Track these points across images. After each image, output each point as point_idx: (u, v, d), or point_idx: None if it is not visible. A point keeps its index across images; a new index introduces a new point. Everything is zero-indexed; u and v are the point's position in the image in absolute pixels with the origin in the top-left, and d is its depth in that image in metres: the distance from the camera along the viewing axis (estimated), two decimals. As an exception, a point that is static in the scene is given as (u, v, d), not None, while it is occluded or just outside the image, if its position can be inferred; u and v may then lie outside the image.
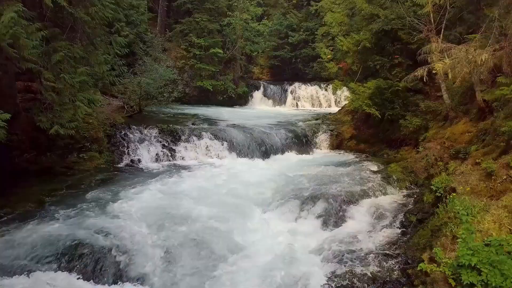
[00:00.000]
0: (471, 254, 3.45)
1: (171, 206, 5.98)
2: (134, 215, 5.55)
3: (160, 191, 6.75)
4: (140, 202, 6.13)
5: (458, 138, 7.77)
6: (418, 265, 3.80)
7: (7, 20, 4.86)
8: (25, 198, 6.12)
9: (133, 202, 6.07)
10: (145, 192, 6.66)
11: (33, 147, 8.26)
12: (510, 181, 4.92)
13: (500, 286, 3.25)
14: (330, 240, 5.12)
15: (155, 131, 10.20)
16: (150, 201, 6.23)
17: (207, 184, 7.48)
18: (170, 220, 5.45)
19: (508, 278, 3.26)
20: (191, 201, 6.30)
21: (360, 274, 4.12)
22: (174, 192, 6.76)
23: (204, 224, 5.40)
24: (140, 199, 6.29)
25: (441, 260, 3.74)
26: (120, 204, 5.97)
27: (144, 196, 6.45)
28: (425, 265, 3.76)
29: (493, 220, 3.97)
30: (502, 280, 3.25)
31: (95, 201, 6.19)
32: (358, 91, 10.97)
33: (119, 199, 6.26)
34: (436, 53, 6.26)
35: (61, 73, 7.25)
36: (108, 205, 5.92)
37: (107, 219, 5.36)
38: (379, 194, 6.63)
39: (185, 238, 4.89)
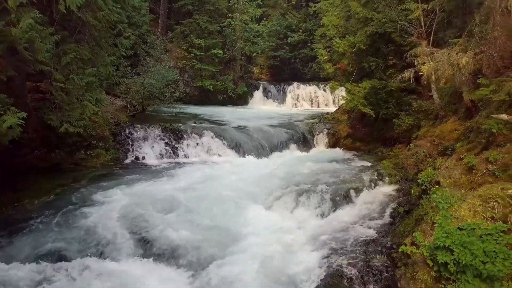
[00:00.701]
0: (446, 236, 3.87)
1: (174, 197, 6.41)
2: (144, 202, 6.00)
3: (164, 184, 7.17)
4: (145, 193, 6.58)
5: (446, 136, 8.18)
6: (400, 248, 4.23)
7: (25, 26, 5.27)
8: (40, 192, 6.52)
9: (140, 192, 6.51)
10: (150, 185, 7.08)
11: (43, 145, 8.66)
12: (488, 174, 5.34)
13: (470, 264, 3.67)
14: (323, 229, 5.55)
15: (158, 130, 10.62)
16: (155, 192, 6.66)
17: (209, 180, 7.89)
18: (175, 209, 5.88)
19: (477, 257, 3.68)
20: (194, 195, 6.71)
21: (348, 258, 4.53)
22: (177, 187, 7.16)
23: (207, 213, 5.82)
24: (145, 190, 6.74)
25: (421, 243, 4.16)
26: (130, 194, 6.43)
27: (149, 188, 6.88)
28: (406, 248, 4.18)
29: (468, 208, 4.38)
30: (472, 258, 3.67)
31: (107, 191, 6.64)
32: (354, 91, 11.37)
33: (129, 190, 6.74)
34: (422, 56, 6.67)
35: (70, 74, 7.67)
36: (122, 195, 6.38)
37: (125, 207, 5.84)
38: (370, 188, 7.03)
39: (192, 224, 5.33)
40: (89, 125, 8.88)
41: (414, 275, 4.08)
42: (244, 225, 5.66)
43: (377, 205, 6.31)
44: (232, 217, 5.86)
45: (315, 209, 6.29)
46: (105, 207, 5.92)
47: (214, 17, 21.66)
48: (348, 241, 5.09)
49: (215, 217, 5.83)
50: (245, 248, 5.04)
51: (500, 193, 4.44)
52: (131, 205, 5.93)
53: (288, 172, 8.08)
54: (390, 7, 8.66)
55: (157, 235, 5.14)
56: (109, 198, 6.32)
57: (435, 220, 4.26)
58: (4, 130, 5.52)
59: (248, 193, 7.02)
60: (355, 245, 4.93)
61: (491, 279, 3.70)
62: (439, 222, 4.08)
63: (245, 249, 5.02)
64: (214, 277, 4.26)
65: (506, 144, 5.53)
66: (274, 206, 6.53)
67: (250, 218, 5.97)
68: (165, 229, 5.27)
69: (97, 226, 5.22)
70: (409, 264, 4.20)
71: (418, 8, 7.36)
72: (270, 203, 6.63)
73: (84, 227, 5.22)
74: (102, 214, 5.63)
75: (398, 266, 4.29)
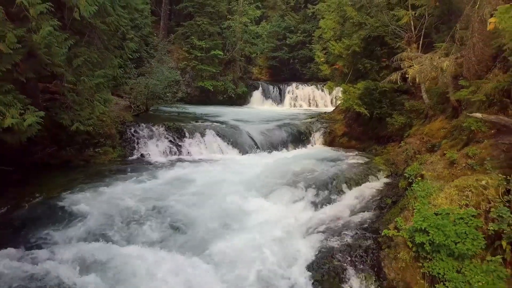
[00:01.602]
0: (423, 220, 4.39)
1: (180, 188, 6.94)
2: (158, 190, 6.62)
3: (171, 178, 7.71)
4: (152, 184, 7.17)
5: (435, 134, 8.70)
6: (383, 231, 4.74)
7: (45, 33, 5.77)
8: (54, 186, 7.03)
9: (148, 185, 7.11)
10: (156, 179, 7.63)
11: (54, 143, 9.14)
12: (467, 168, 5.87)
13: (443, 244, 4.19)
14: (317, 218, 6.06)
15: (162, 128, 11.11)
16: (161, 183, 7.23)
17: (211, 175, 8.39)
18: (181, 199, 6.43)
19: (449, 237, 4.20)
20: (198, 188, 7.22)
21: (338, 242, 5.04)
22: (182, 180, 7.68)
23: (209, 204, 6.34)
24: (148, 182, 7.33)
25: (401, 227, 4.68)
26: (141, 185, 7.03)
27: (155, 181, 7.43)
28: (388, 231, 4.70)
29: (445, 197, 4.90)
30: (444, 238, 4.19)
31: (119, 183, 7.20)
32: (349, 92, 11.89)
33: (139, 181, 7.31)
34: (407, 60, 7.19)
35: (81, 76, 8.17)
36: (134, 186, 6.95)
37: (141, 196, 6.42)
38: (362, 182, 7.55)
39: (198, 212, 5.86)
40: (97, 124, 9.37)
41: (396, 255, 4.60)
42: (244, 213, 6.17)
43: (367, 197, 6.82)
44: (232, 208, 6.36)
45: (310, 201, 6.80)
46: (122, 193, 6.48)
47: (215, 19, 22.17)
48: (339, 228, 5.61)
49: (216, 206, 6.34)
50: (245, 231, 5.56)
51: (474, 184, 4.96)
52: (143, 192, 6.55)
53: (286, 168, 8.58)
54: (382, 12, 9.17)
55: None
56: (124, 186, 6.90)
57: (415, 207, 4.78)
58: (25, 128, 6.02)
59: (248, 186, 7.51)
60: (345, 231, 5.44)
61: (462, 257, 4.22)
62: (417, 208, 4.60)
63: (245, 232, 5.54)
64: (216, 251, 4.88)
65: (484, 140, 6.06)
66: (272, 198, 7.02)
67: (249, 208, 6.47)
68: (175, 214, 5.84)
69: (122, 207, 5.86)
70: (392, 246, 4.72)
71: (407, 14, 7.88)
72: (268, 197, 7.12)
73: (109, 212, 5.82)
74: (120, 198, 6.22)
75: (383, 248, 4.80)
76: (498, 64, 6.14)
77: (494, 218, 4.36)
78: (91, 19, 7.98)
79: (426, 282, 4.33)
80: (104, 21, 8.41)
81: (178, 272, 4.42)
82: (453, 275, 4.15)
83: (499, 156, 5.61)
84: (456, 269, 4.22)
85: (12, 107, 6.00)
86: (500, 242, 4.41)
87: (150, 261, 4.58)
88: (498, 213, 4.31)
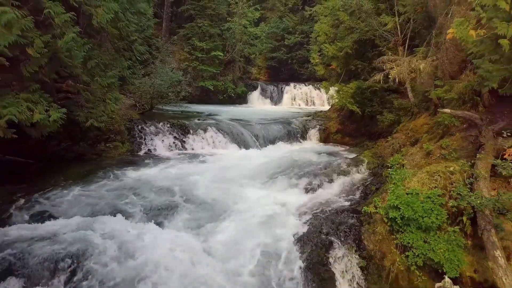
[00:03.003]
0: (395, 199, 5.18)
1: (186, 177, 7.71)
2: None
3: (178, 169, 8.49)
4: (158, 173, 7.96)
5: (418, 129, 9.49)
6: (363, 208, 5.53)
7: (68, 39, 6.54)
8: (74, 174, 7.80)
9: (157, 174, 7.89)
10: (163, 170, 8.41)
11: (68, 138, 9.90)
12: (441, 157, 6.66)
13: (412, 218, 4.98)
14: (309, 202, 6.83)
15: (167, 125, 11.89)
16: (167, 173, 8.00)
17: (213, 167, 9.17)
18: (188, 187, 7.22)
19: (417, 212, 4.99)
20: (202, 179, 7.99)
21: (326, 221, 5.82)
22: (188, 171, 8.46)
23: (215, 193, 7.12)
24: (158, 172, 8.13)
25: (379, 206, 5.47)
26: (148, 174, 7.83)
27: (162, 171, 8.24)
28: (367, 208, 5.49)
29: (417, 181, 5.68)
30: (413, 213, 4.97)
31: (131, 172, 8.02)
32: (343, 91, 12.69)
33: (146, 172, 8.10)
34: (388, 63, 7.98)
35: (95, 77, 8.94)
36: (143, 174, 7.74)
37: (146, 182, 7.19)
38: (351, 173, 8.33)
39: (205, 196, 6.67)
40: (108, 121, 10.13)
41: (374, 230, 5.39)
42: (243, 198, 6.95)
43: (354, 185, 7.61)
44: (233, 193, 7.15)
45: (303, 188, 7.57)
46: (133, 181, 7.27)
47: (215, 21, 22.96)
48: (328, 210, 6.38)
49: (218, 192, 7.12)
50: (242, 218, 6.34)
51: (443, 170, 5.76)
52: (152, 181, 7.33)
53: (282, 161, 9.36)
54: (371, 17, 9.95)
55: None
56: (135, 176, 7.70)
57: (390, 188, 5.57)
58: (50, 123, 6.79)
59: (247, 177, 8.28)
60: (333, 212, 6.22)
61: (428, 229, 5.01)
62: (392, 189, 5.39)
63: (242, 218, 6.32)
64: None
65: (456, 133, 6.85)
66: (269, 186, 7.80)
67: (248, 195, 7.24)
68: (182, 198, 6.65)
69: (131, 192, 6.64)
70: (371, 222, 5.51)
71: (391, 21, 8.68)
72: (265, 184, 7.90)
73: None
74: (132, 185, 7.02)
75: (363, 225, 5.59)
76: (469, 66, 6.91)
77: (455, 197, 5.16)
78: (103, 24, 8.73)
79: (398, 251, 5.12)
80: (115, 26, 9.16)
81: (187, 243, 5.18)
82: (420, 244, 4.94)
83: (468, 146, 6.42)
84: (423, 239, 5.01)
85: (39, 104, 6.76)
86: (462, 218, 5.21)
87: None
88: (457, 192, 5.11)
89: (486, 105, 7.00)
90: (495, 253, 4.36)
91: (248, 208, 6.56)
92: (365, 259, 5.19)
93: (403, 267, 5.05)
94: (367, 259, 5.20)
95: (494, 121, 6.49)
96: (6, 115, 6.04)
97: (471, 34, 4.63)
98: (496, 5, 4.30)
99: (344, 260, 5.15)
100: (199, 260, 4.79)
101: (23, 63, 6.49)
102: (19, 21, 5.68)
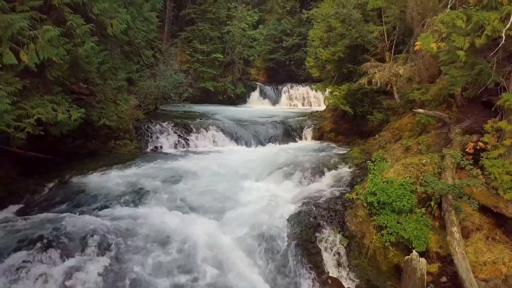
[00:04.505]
0: (373, 186, 6.05)
1: (190, 171, 8.60)
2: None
3: (184, 163, 9.37)
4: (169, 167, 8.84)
5: (403, 128, 10.37)
6: (346, 196, 6.41)
7: (88, 48, 7.40)
8: (90, 169, 8.66)
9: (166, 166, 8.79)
10: (171, 164, 9.29)
11: (82, 136, 10.74)
12: (418, 152, 7.53)
13: (387, 202, 5.85)
14: (302, 192, 7.69)
15: (171, 125, 12.74)
16: (175, 167, 8.90)
17: (216, 163, 9.99)
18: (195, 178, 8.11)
19: (391, 197, 5.86)
20: (207, 172, 8.85)
21: (315, 207, 6.67)
22: (193, 165, 9.32)
23: (217, 183, 7.98)
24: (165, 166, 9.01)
25: (359, 193, 6.34)
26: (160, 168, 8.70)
27: (170, 165, 9.10)
28: (349, 195, 6.36)
29: (393, 172, 6.55)
30: (387, 198, 5.85)
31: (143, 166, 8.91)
32: (336, 92, 13.57)
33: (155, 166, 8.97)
34: (371, 68, 8.85)
35: (107, 80, 9.79)
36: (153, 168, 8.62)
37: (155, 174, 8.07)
38: (340, 167, 9.20)
39: (205, 188, 7.53)
40: (117, 120, 10.98)
41: (356, 213, 6.26)
42: (243, 189, 7.81)
43: (343, 177, 8.47)
44: (234, 185, 8.01)
45: (297, 180, 8.44)
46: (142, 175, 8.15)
47: (215, 25, 23.84)
48: (318, 199, 7.24)
49: (222, 184, 7.98)
50: (245, 203, 7.20)
51: (416, 162, 6.64)
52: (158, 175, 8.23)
53: (278, 157, 10.23)
54: (360, 25, 10.83)
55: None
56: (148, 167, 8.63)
57: (369, 178, 6.45)
58: (71, 122, 7.64)
59: (246, 171, 9.13)
60: (322, 200, 7.08)
61: (400, 212, 5.88)
62: (370, 178, 6.27)
63: (244, 203, 7.19)
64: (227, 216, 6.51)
65: (431, 131, 7.73)
66: (266, 180, 8.65)
67: (247, 186, 8.11)
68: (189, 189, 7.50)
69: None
70: (353, 207, 6.38)
71: (376, 29, 9.56)
72: (263, 178, 8.76)
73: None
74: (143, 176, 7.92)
75: (347, 209, 6.45)
76: (443, 72, 7.76)
77: (423, 184, 6.03)
78: (117, 34, 9.58)
79: (375, 230, 5.99)
80: (125, 33, 10.00)
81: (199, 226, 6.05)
82: (394, 224, 5.81)
83: (440, 142, 7.30)
84: (397, 220, 5.88)
85: (61, 105, 7.61)
86: (430, 203, 6.09)
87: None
88: (425, 179, 5.98)
89: (459, 106, 7.88)
90: (453, 229, 5.24)
91: (248, 197, 7.44)
92: (348, 238, 6.06)
93: (380, 244, 5.93)
94: (349, 238, 6.07)
95: (462, 119, 7.37)
96: (35, 115, 6.89)
97: (433, 46, 5.52)
98: (454, 23, 5.16)
99: (330, 239, 6.02)
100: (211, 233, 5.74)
101: (48, 69, 7.33)
102: (59, 38, 6.51)
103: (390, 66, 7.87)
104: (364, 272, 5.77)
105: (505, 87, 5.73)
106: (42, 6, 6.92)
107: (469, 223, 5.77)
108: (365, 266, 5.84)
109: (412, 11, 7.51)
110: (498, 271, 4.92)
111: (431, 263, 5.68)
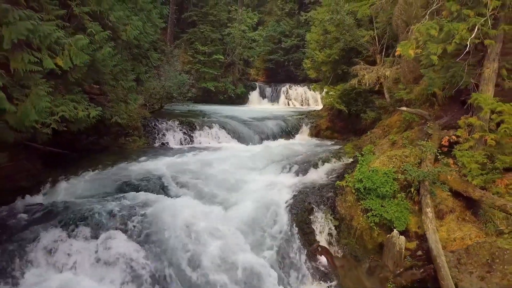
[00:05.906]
0: (360, 174, 6.88)
1: (196, 164, 9.44)
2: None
3: (189, 158, 10.20)
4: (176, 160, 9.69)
5: (392, 125, 11.22)
6: (336, 183, 7.24)
7: (106, 52, 8.21)
8: (104, 163, 9.48)
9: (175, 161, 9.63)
10: (179, 158, 10.12)
11: (95, 133, 11.56)
12: (403, 146, 8.37)
13: (372, 188, 6.69)
14: (298, 182, 8.51)
15: (176, 122, 13.57)
16: (182, 160, 9.72)
17: (218, 157, 10.83)
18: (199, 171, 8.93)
19: (375, 184, 6.69)
20: (212, 165, 9.68)
21: (309, 194, 7.51)
22: (199, 160, 10.15)
23: (224, 175, 8.82)
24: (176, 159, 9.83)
25: (348, 180, 7.18)
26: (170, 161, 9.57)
27: (178, 159, 9.93)
28: (339, 182, 7.19)
29: (379, 162, 7.39)
30: (372, 184, 6.68)
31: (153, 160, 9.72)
32: (331, 92, 14.41)
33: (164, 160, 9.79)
34: (360, 70, 9.69)
35: (119, 81, 10.60)
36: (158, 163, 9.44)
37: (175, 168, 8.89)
38: (334, 161, 10.03)
39: (211, 179, 8.37)
40: (127, 118, 11.80)
41: (345, 199, 7.10)
42: (246, 181, 8.63)
43: (335, 169, 9.30)
44: (237, 177, 8.83)
45: (294, 172, 9.27)
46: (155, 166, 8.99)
47: (216, 27, 24.67)
48: (313, 188, 8.08)
49: (227, 175, 8.81)
50: (246, 192, 8.03)
51: (399, 154, 7.48)
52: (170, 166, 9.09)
53: (276, 152, 11.07)
54: (352, 30, 11.67)
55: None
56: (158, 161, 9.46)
57: (357, 168, 7.29)
58: (90, 120, 8.46)
59: (247, 165, 9.96)
60: (316, 189, 7.91)
61: (383, 197, 6.72)
62: (358, 168, 7.10)
63: (246, 193, 8.01)
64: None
65: (415, 127, 8.58)
66: (265, 172, 9.48)
67: (249, 178, 8.93)
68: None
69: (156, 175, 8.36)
70: (343, 193, 7.22)
71: (367, 34, 10.40)
72: (263, 170, 9.58)
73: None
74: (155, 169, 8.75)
75: (338, 195, 7.29)
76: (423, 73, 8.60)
77: (404, 172, 6.88)
78: (130, 40, 10.40)
79: (362, 213, 6.83)
80: (136, 38, 10.81)
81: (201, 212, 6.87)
82: (378, 207, 6.64)
83: (422, 137, 8.14)
84: (381, 204, 6.71)
85: (81, 104, 8.42)
86: (410, 189, 6.93)
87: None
88: (404, 168, 6.83)
89: (440, 104, 8.72)
90: (427, 210, 6.08)
91: (251, 187, 8.26)
92: (338, 220, 6.91)
93: (366, 225, 6.76)
94: (340, 220, 6.92)
95: (441, 116, 8.21)
96: (59, 112, 7.69)
97: (410, 53, 6.35)
98: (429, 32, 5.98)
99: (322, 220, 6.86)
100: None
101: (69, 72, 8.14)
102: (89, 45, 7.31)
103: (377, 68, 8.69)
104: (352, 249, 6.61)
105: (475, 88, 6.57)
106: (65, 15, 7.73)
107: (444, 206, 6.60)
108: (353, 244, 6.68)
109: (397, 19, 8.35)
110: (464, 244, 5.75)
111: (410, 241, 6.51)
